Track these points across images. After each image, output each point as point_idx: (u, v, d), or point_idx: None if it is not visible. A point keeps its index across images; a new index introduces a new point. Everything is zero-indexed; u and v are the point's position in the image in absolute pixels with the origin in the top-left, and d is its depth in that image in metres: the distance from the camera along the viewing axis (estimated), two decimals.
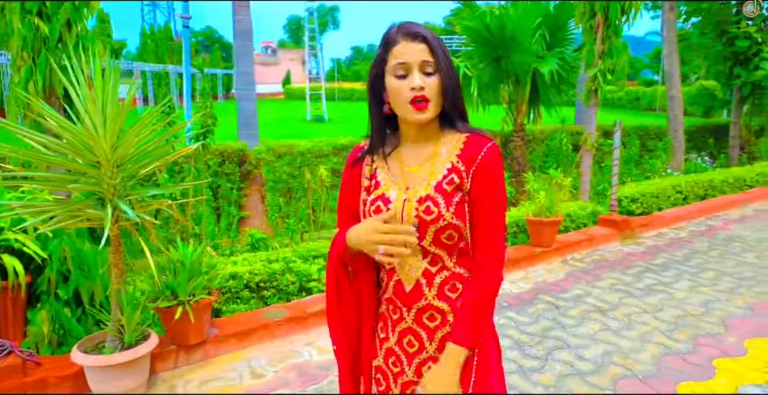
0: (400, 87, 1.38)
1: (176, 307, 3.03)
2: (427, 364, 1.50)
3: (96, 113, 2.43)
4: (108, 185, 2.52)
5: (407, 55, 1.36)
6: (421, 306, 1.46)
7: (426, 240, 1.43)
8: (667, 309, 4.33)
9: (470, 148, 1.43)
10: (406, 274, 1.47)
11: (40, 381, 2.78)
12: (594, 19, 6.54)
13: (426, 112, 1.38)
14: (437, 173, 1.44)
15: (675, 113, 11.16)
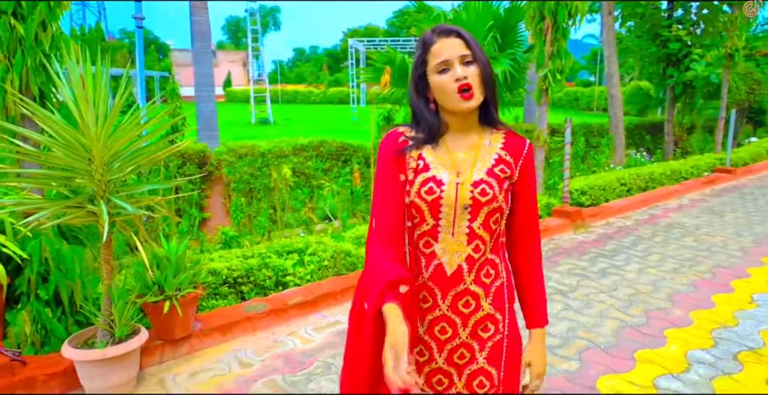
0: (445, 81, 1.46)
1: (163, 302, 3.10)
2: (459, 350, 1.54)
3: (88, 111, 2.50)
4: (100, 182, 2.59)
5: (447, 51, 1.46)
6: (459, 290, 1.51)
7: (477, 222, 1.49)
8: (621, 289, 4.67)
9: (512, 143, 1.57)
10: (449, 259, 1.51)
11: (28, 379, 2.82)
12: (543, 23, 6.91)
13: (472, 99, 1.46)
14: (485, 161, 1.53)
15: (615, 111, 11.75)
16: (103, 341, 2.85)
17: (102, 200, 2.59)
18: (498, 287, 1.57)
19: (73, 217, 2.60)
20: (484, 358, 1.55)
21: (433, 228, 1.51)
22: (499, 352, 1.56)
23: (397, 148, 1.54)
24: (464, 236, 1.50)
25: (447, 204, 1.48)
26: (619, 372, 3.28)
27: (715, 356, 3.49)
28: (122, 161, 2.71)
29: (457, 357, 1.55)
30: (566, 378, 3.21)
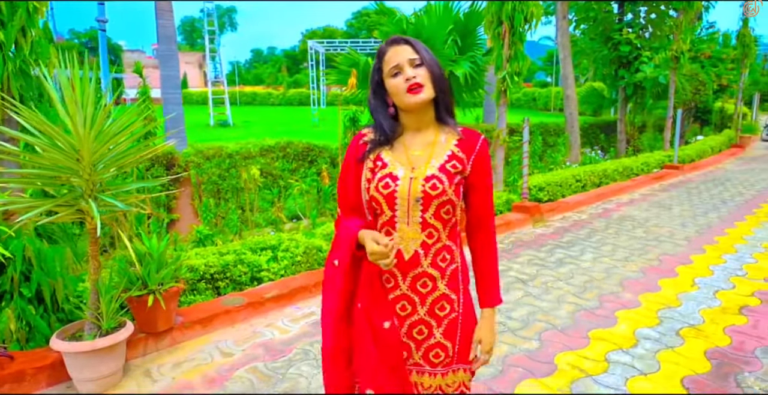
0: (397, 82, 1.64)
1: (147, 296, 3.25)
2: (418, 326, 1.72)
3: (77, 114, 2.64)
4: (88, 181, 2.74)
5: (397, 57, 1.64)
6: (417, 273, 1.68)
7: (428, 213, 1.66)
8: (576, 276, 5.00)
9: (467, 139, 1.71)
10: (406, 245, 1.68)
11: (17, 373, 2.94)
12: (501, 27, 7.24)
13: (421, 94, 1.62)
14: (439, 157, 1.68)
15: (570, 110, 12.22)
16: (90, 334, 2.99)
17: (90, 199, 2.73)
18: (453, 270, 1.73)
19: (64, 215, 2.73)
20: (440, 333, 1.72)
21: (390, 219, 1.69)
22: (455, 328, 1.73)
23: (359, 151, 1.75)
24: (418, 226, 1.67)
25: (401, 197, 1.66)
26: (575, 349, 3.58)
27: (660, 332, 3.82)
28: (108, 161, 2.86)
29: (416, 333, 1.73)
30: (527, 355, 3.49)
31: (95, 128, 2.72)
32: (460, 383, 1.76)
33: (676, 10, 12.17)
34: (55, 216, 2.71)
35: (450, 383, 1.75)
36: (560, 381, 3.18)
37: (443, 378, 1.74)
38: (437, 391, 1.74)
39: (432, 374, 1.74)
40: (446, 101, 1.71)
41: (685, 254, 5.72)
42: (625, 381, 3.18)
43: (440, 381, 1.74)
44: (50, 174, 2.76)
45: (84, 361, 2.92)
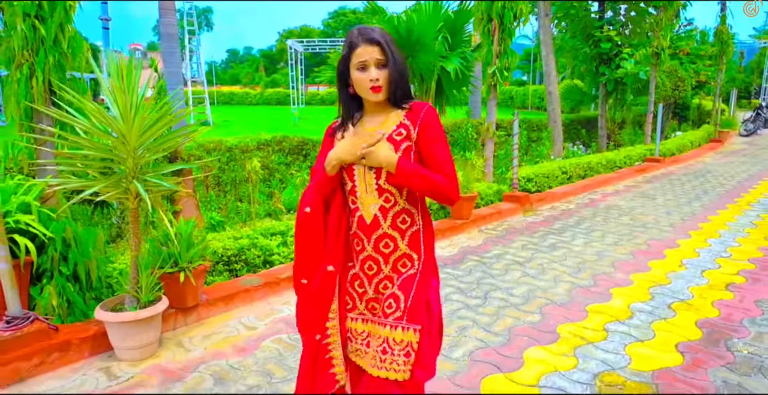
0: (362, 78, 1.81)
1: (179, 273, 3.44)
2: (383, 282, 1.90)
3: (124, 102, 2.84)
4: (134, 164, 2.93)
5: (365, 55, 1.79)
6: (379, 234, 1.86)
7: (381, 179, 1.84)
8: (570, 259, 5.29)
9: (414, 110, 1.87)
10: (366, 210, 1.87)
11: (64, 342, 3.12)
12: (491, 24, 7.50)
13: (380, 94, 1.82)
14: (388, 129, 1.86)
15: (553, 106, 12.55)
16: (131, 306, 3.18)
17: (135, 180, 2.93)
18: (414, 232, 1.90)
19: (112, 195, 2.92)
20: (397, 285, 1.88)
21: (352, 188, 1.88)
22: (411, 283, 1.88)
23: (330, 133, 1.98)
24: (375, 191, 1.85)
25: (357, 167, 1.86)
26: (574, 321, 3.85)
27: (652, 306, 4.12)
28: (149, 145, 3.05)
29: (381, 288, 1.91)
30: (531, 327, 3.75)
31: (139, 114, 2.91)
32: (408, 343, 1.83)
33: (655, 8, 12.58)
34: (106, 195, 2.90)
35: (398, 339, 1.83)
36: (564, 347, 3.45)
37: (392, 331, 1.84)
38: (384, 343, 1.84)
39: (383, 324, 1.86)
40: (403, 91, 1.86)
41: (671, 238, 6.04)
42: (623, 347, 3.46)
43: (389, 334, 1.85)
44: (103, 156, 2.95)
45: (126, 331, 3.11)
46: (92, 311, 3.50)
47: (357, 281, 1.94)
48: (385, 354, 1.83)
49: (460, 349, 3.41)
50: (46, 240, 3.31)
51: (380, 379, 1.82)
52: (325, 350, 1.94)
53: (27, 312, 3.04)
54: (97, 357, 3.26)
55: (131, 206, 3.09)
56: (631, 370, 3.16)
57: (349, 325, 1.97)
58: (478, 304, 4.15)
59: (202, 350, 3.39)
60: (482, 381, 3.03)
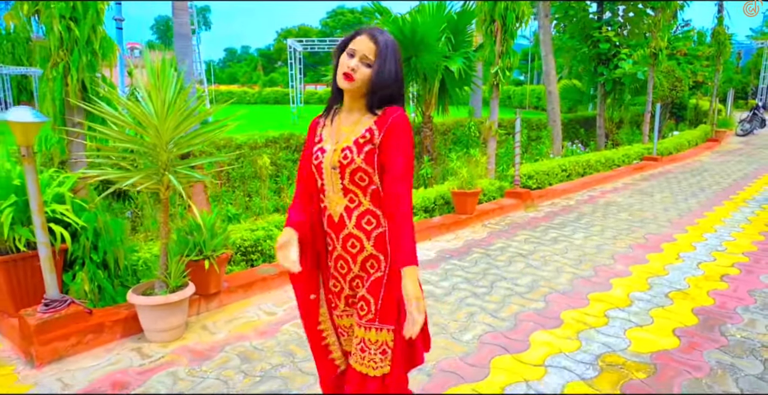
0: (343, 62, 1.81)
1: (203, 260, 3.63)
2: (356, 281, 1.94)
3: (158, 99, 3.03)
4: (166, 157, 3.13)
5: (359, 47, 1.80)
6: (345, 234, 1.89)
7: (345, 180, 1.86)
8: (571, 252, 5.50)
9: (385, 115, 1.84)
10: (333, 209, 1.91)
11: (98, 325, 3.31)
12: (493, 25, 7.69)
13: (350, 83, 1.80)
14: (357, 132, 1.86)
15: (553, 106, 12.76)
16: (161, 291, 3.37)
17: (167, 172, 3.12)
18: (379, 233, 1.89)
19: (148, 185, 3.12)
20: (365, 289, 1.91)
21: (321, 186, 1.92)
22: (379, 286, 1.90)
23: (314, 125, 2.02)
24: (340, 191, 1.88)
25: (325, 167, 1.88)
26: (577, 308, 4.05)
27: (651, 295, 4.32)
28: (179, 140, 3.24)
29: (354, 286, 1.96)
30: (536, 313, 3.95)
31: (172, 111, 3.11)
32: (383, 342, 1.90)
33: (653, 9, 12.79)
34: (141, 186, 3.09)
35: (373, 340, 1.90)
36: (568, 331, 3.65)
37: (366, 332, 1.90)
38: (361, 343, 1.91)
39: (358, 325, 1.93)
40: (376, 99, 1.83)
41: (668, 233, 6.25)
42: (623, 331, 3.66)
43: (364, 334, 1.91)
44: (142, 149, 3.14)
45: (157, 313, 3.31)
46: (120, 296, 3.70)
47: (332, 280, 2.01)
48: (363, 352, 1.90)
49: (469, 333, 3.61)
50: (79, 229, 3.50)
51: (359, 373, 1.92)
52: (321, 337, 2.07)
53: (64, 296, 3.23)
54: (129, 338, 3.46)
55: (162, 197, 3.29)
56: (631, 352, 3.36)
57: (338, 322, 2.06)
58: (485, 292, 4.34)
59: (226, 333, 3.58)
60: (491, 361, 3.23)
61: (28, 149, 2.90)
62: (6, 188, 3.33)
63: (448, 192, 6.77)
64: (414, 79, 9.29)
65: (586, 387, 2.94)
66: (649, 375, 3.09)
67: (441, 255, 5.39)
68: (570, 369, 3.14)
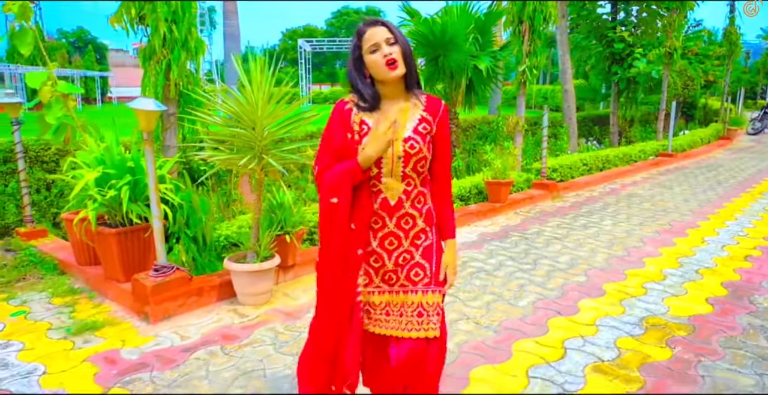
0: (376, 58, 1.90)
1: (284, 235, 4.06)
2: (403, 256, 2.05)
3: (260, 91, 3.47)
4: (259, 145, 3.57)
5: (375, 36, 1.90)
6: (401, 214, 2.01)
7: (408, 167, 1.97)
8: (602, 236, 5.90)
9: (431, 105, 2.02)
10: (391, 194, 1.99)
11: (198, 289, 3.75)
12: (521, 26, 8.11)
13: (397, 69, 1.90)
14: (412, 121, 1.99)
15: (569, 104, 13.12)
16: (252, 260, 3.80)
17: (257, 158, 3.57)
18: (427, 209, 2.08)
19: (253, 165, 3.55)
20: (419, 255, 2.07)
21: (377, 174, 1.98)
22: (431, 251, 2.09)
23: (343, 115, 2.00)
24: (399, 178, 1.99)
25: (386, 156, 1.95)
26: (617, 281, 4.45)
27: (682, 271, 4.72)
28: (274, 127, 3.68)
29: (401, 260, 2.06)
30: (579, 285, 4.35)
31: (269, 105, 3.55)
32: (437, 303, 2.08)
33: (667, 10, 13.16)
34: (249, 166, 3.52)
35: (430, 302, 2.07)
36: (611, 299, 4.05)
37: (424, 296, 2.06)
38: (419, 308, 2.05)
39: (414, 291, 2.05)
40: (414, 75, 1.99)
41: (691, 221, 6.64)
42: (661, 299, 4.06)
43: (421, 298, 2.06)
44: (244, 135, 3.58)
45: (249, 279, 3.74)
46: (209, 267, 4.13)
47: (373, 257, 2.05)
48: (421, 316, 2.05)
49: (523, 300, 4.02)
50: (177, 206, 3.92)
51: (417, 340, 2.05)
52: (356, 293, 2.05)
53: (170, 264, 3.66)
54: (224, 301, 3.89)
55: (258, 177, 3.72)
56: (670, 315, 3.77)
57: (366, 298, 2.09)
58: (530, 268, 4.76)
59: (307, 299, 4.00)
60: (547, 321, 3.64)
61: (150, 134, 3.34)
62: (122, 169, 3.77)
63: (481, 182, 7.18)
64: (441, 77, 9.70)
65: (635, 343, 3.34)
66: (689, 333, 3.49)
67: (482, 238, 5.80)
68: (618, 328, 3.55)
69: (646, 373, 2.97)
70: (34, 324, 3.56)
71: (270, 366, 3.02)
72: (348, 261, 1.99)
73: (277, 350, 3.21)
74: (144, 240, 3.86)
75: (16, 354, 3.14)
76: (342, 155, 1.96)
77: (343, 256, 1.98)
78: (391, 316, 2.08)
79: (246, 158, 3.53)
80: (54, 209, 5.74)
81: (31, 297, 4.01)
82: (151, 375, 2.90)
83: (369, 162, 1.92)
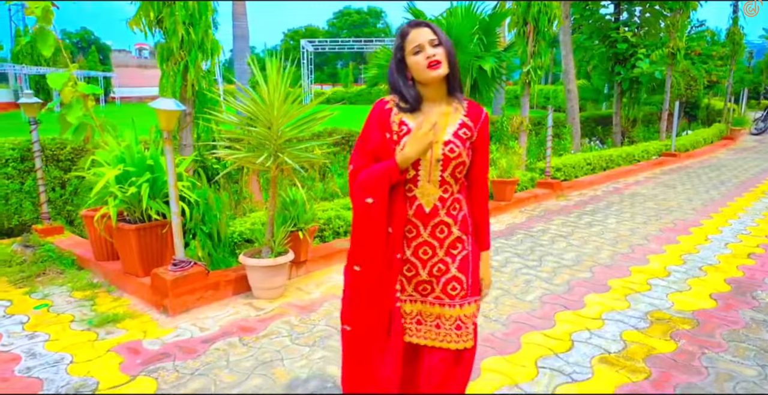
0: (419, 59, 1.86)
1: (297, 231, 4.17)
2: (437, 265, 1.97)
3: (276, 92, 3.58)
4: (274, 144, 3.68)
5: (419, 38, 1.87)
6: (436, 222, 1.94)
7: (447, 172, 1.92)
8: (606, 234, 6.00)
9: (473, 110, 1.97)
10: (426, 200, 1.93)
11: (214, 283, 3.87)
12: (526, 27, 8.21)
13: (440, 69, 1.85)
14: (453, 124, 1.94)
15: (572, 104, 13.21)
16: (267, 255, 3.90)
17: (272, 157, 3.68)
18: (462, 216, 2.00)
19: (269, 163, 3.66)
20: (455, 268, 1.99)
21: (414, 177, 1.92)
22: (467, 263, 2.01)
23: (383, 114, 1.95)
24: (437, 183, 1.92)
25: (424, 159, 1.90)
26: (621, 277, 4.55)
27: (686, 268, 4.81)
28: (285, 128, 3.79)
29: (436, 271, 1.98)
30: (585, 281, 4.45)
31: (285, 105, 3.66)
32: (473, 314, 2.03)
33: (671, 10, 13.24)
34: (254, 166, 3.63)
35: (468, 313, 2.00)
36: (617, 294, 4.16)
37: (461, 309, 1.99)
38: (458, 321, 1.99)
39: (451, 305, 1.98)
40: (456, 78, 1.95)
41: (695, 219, 6.73)
42: (666, 295, 4.16)
43: (459, 312, 1.99)
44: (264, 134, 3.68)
45: (265, 274, 3.84)
46: (223, 262, 4.24)
47: (406, 265, 1.98)
48: (459, 329, 1.99)
49: (530, 295, 4.13)
50: (193, 203, 4.03)
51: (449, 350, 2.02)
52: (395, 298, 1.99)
53: (188, 258, 3.77)
54: (239, 295, 4.01)
55: (272, 175, 3.83)
56: (675, 310, 3.87)
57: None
58: (536, 265, 4.86)
59: (320, 293, 4.11)
60: (555, 315, 3.74)
61: (170, 133, 3.45)
62: (141, 167, 3.88)
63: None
64: None
65: (641, 336, 3.44)
66: (694, 326, 3.59)
67: None
68: (624, 322, 3.65)
69: (651, 364, 3.07)
70: (57, 316, 3.68)
71: (287, 356, 3.12)
72: (389, 265, 1.93)
73: (293, 341, 3.31)
74: (162, 236, 3.97)
75: (43, 345, 3.25)
76: (379, 154, 1.91)
77: (382, 260, 1.91)
78: (423, 326, 2.03)
79: (263, 155, 3.65)
80: (69, 207, 5.85)
81: (52, 291, 4.12)
82: (174, 364, 3.01)
83: (407, 163, 1.86)
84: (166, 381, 2.84)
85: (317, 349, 3.21)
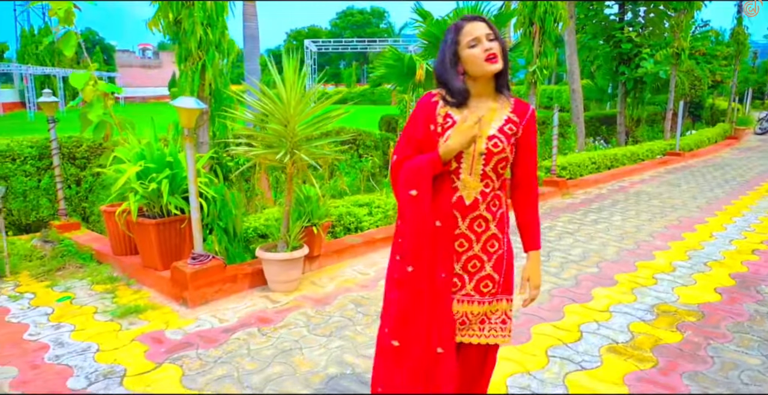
0: (476, 52, 1.85)
1: (312, 226, 4.27)
2: (473, 261, 1.98)
3: (293, 94, 3.69)
4: (291, 141, 3.79)
5: (475, 31, 1.86)
6: (475, 215, 1.94)
7: (489, 166, 1.91)
8: (612, 230, 6.09)
9: (519, 107, 1.97)
10: (468, 192, 1.93)
11: (232, 276, 3.98)
12: (532, 27, 8.30)
13: (497, 63, 1.85)
14: (498, 120, 1.93)
15: (576, 104, 13.27)
16: (283, 249, 4.01)
17: (298, 151, 3.79)
18: (501, 214, 2.02)
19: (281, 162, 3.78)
20: (490, 266, 2.00)
21: (456, 170, 1.92)
22: (501, 262, 2.03)
23: (430, 106, 1.97)
24: (479, 176, 1.92)
25: (467, 152, 1.90)
26: (628, 272, 4.64)
27: (691, 264, 4.90)
28: (301, 126, 3.90)
29: (470, 266, 1.99)
30: (592, 275, 4.55)
31: (301, 104, 3.77)
32: (502, 311, 2.07)
33: (675, 11, 13.31)
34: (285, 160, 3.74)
35: (494, 310, 2.04)
36: (623, 288, 4.25)
37: (489, 306, 2.03)
38: (483, 316, 2.03)
39: (480, 302, 2.01)
40: (506, 75, 1.95)
41: (699, 217, 6.82)
42: (672, 289, 4.25)
43: (486, 309, 2.03)
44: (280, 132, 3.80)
45: (280, 267, 3.95)
46: (239, 257, 4.35)
47: None
48: (483, 323, 2.04)
49: None
50: (210, 198, 4.15)
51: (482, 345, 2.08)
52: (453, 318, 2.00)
53: (206, 253, 3.87)
54: (255, 288, 4.12)
55: (288, 171, 3.94)
56: (680, 303, 3.96)
57: None
58: (543, 260, 4.95)
59: (333, 286, 4.22)
60: (563, 307, 3.84)
61: (190, 130, 3.56)
62: (162, 163, 4.00)
63: None
64: None
65: (648, 327, 3.54)
66: (699, 319, 3.68)
67: None
68: (631, 314, 3.75)
69: (658, 353, 3.17)
70: (81, 308, 3.80)
71: (306, 345, 3.23)
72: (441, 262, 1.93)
73: (310, 332, 3.42)
74: (180, 231, 4.09)
75: (69, 334, 3.37)
76: (423, 146, 1.94)
77: (433, 255, 1.91)
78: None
79: (281, 152, 3.76)
80: (84, 204, 5.97)
81: (73, 284, 4.24)
82: (197, 353, 3.12)
83: (450, 155, 1.87)
84: (191, 368, 2.95)
85: (334, 339, 3.32)
